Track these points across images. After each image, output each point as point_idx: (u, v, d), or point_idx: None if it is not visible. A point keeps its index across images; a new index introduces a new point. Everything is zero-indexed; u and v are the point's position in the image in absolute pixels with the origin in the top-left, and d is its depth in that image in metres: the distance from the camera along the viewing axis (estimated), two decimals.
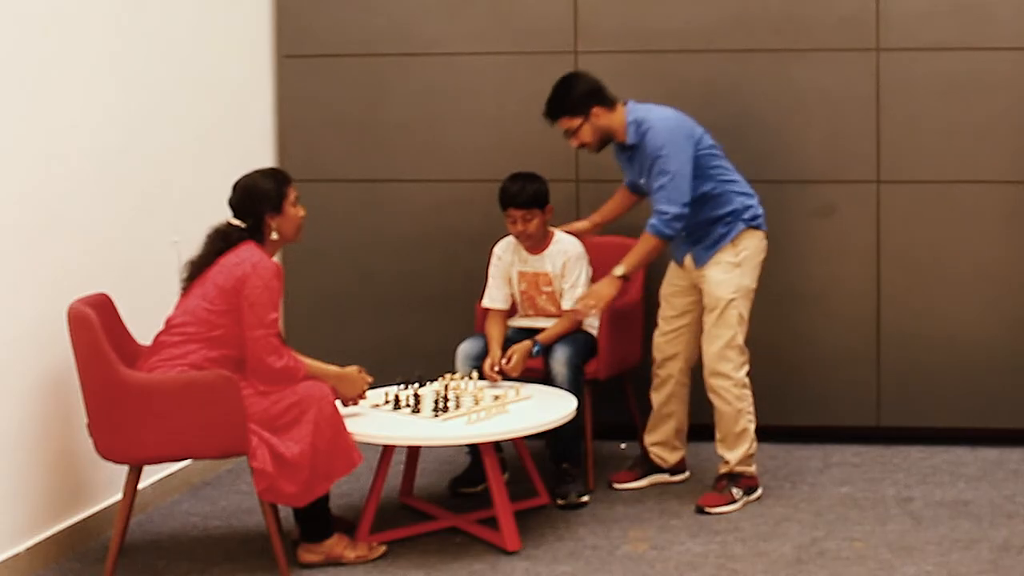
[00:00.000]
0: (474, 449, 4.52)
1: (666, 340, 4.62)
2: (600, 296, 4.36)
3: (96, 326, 3.69)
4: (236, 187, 3.99)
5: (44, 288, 3.91)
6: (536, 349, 4.53)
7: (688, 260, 4.51)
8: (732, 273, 4.41)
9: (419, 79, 5.35)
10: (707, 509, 4.32)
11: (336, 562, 3.93)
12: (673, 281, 4.61)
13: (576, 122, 4.41)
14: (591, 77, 4.49)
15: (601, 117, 4.41)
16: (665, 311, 4.63)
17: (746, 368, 4.44)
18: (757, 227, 4.48)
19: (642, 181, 4.49)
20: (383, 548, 4.01)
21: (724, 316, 4.38)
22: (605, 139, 4.48)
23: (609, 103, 4.43)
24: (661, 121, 4.38)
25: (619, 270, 4.37)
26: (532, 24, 5.28)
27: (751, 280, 4.45)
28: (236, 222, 3.93)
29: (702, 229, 4.44)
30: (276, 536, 3.80)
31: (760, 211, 4.49)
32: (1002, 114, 5.05)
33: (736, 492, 4.39)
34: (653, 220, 4.32)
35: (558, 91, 4.45)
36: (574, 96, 4.41)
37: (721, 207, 4.42)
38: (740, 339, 4.40)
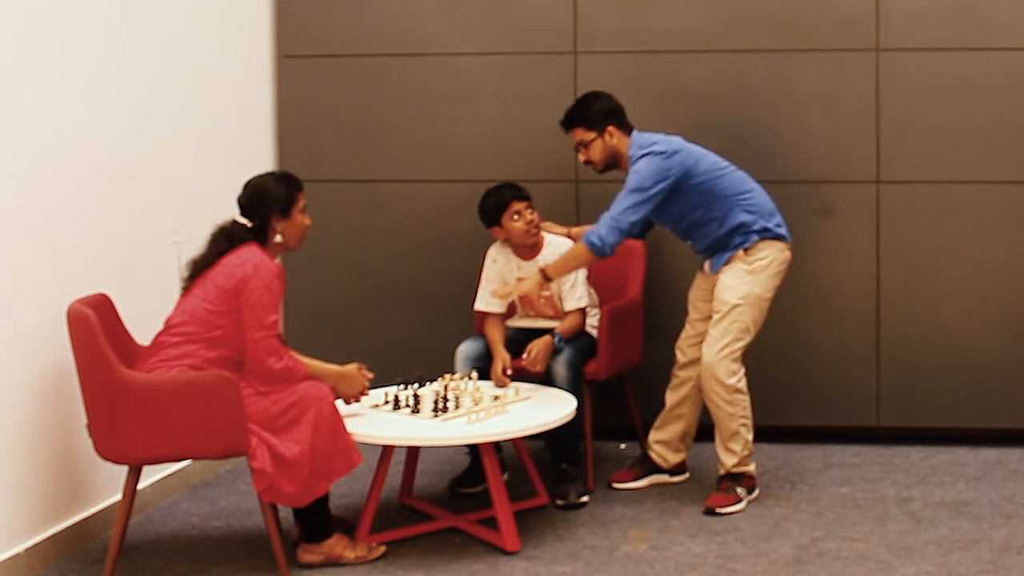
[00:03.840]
0: (474, 449, 4.52)
1: (689, 344, 4.61)
2: (522, 289, 4.45)
3: (96, 326, 3.69)
4: (247, 186, 4.00)
5: (44, 288, 3.91)
6: (558, 340, 4.54)
7: (707, 266, 4.53)
8: (743, 279, 4.38)
9: (419, 79, 5.35)
10: (717, 510, 4.32)
11: (336, 562, 3.92)
12: (700, 285, 4.61)
13: (590, 135, 4.43)
14: (615, 100, 4.51)
15: (615, 137, 4.43)
16: (691, 315, 4.63)
17: (740, 375, 4.38)
18: (776, 238, 4.44)
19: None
20: (383, 548, 4.01)
21: (726, 321, 4.36)
22: (611, 162, 4.49)
23: (626, 128, 4.46)
24: (654, 144, 4.36)
25: (546, 269, 4.41)
26: (532, 24, 5.28)
27: (763, 289, 4.40)
28: (242, 220, 3.94)
29: (716, 243, 4.44)
30: (276, 536, 3.80)
31: (777, 222, 4.46)
32: (1002, 114, 5.05)
33: (740, 492, 4.40)
34: (593, 233, 4.31)
35: (580, 101, 4.50)
36: (594, 110, 4.44)
37: (728, 223, 4.40)
38: (739, 345, 4.36)
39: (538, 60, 5.27)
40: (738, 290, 4.37)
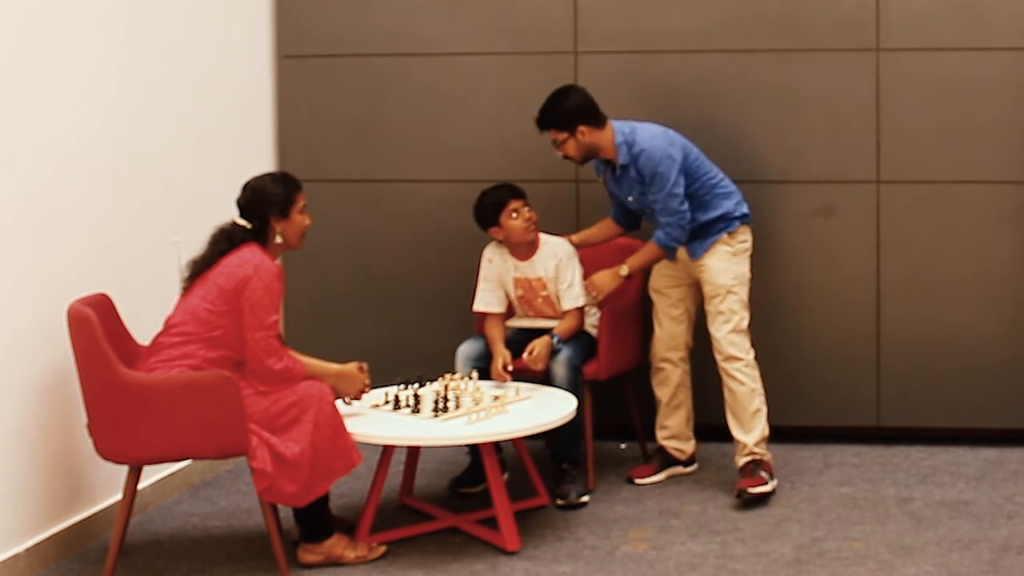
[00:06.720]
0: (474, 449, 4.52)
1: (667, 333, 4.66)
2: (599, 288, 4.56)
3: (96, 326, 3.69)
4: (245, 187, 4.00)
5: (44, 288, 3.91)
6: (556, 340, 4.55)
7: (682, 254, 4.58)
8: (729, 261, 4.55)
9: (419, 79, 5.35)
10: (749, 490, 4.36)
11: (336, 562, 3.92)
12: (666, 273, 4.70)
13: (562, 136, 4.49)
14: (584, 94, 4.54)
15: (587, 135, 4.48)
16: (661, 303, 4.71)
17: (752, 350, 4.54)
18: (748, 223, 4.63)
19: (630, 199, 4.58)
20: (383, 548, 4.01)
21: (727, 302, 4.51)
22: (590, 154, 4.56)
23: (599, 122, 4.50)
24: (650, 140, 4.48)
25: (624, 269, 4.55)
26: (532, 24, 5.28)
27: (746, 268, 4.61)
28: (241, 222, 3.94)
29: (699, 229, 4.54)
30: (276, 536, 3.81)
31: (747, 207, 4.64)
32: (1002, 114, 5.05)
33: (764, 475, 4.42)
34: (659, 233, 4.49)
35: (549, 103, 4.51)
36: (562, 111, 4.47)
37: (712, 211, 4.54)
38: (745, 323, 4.54)
39: (538, 60, 5.27)
40: (730, 272, 4.54)
